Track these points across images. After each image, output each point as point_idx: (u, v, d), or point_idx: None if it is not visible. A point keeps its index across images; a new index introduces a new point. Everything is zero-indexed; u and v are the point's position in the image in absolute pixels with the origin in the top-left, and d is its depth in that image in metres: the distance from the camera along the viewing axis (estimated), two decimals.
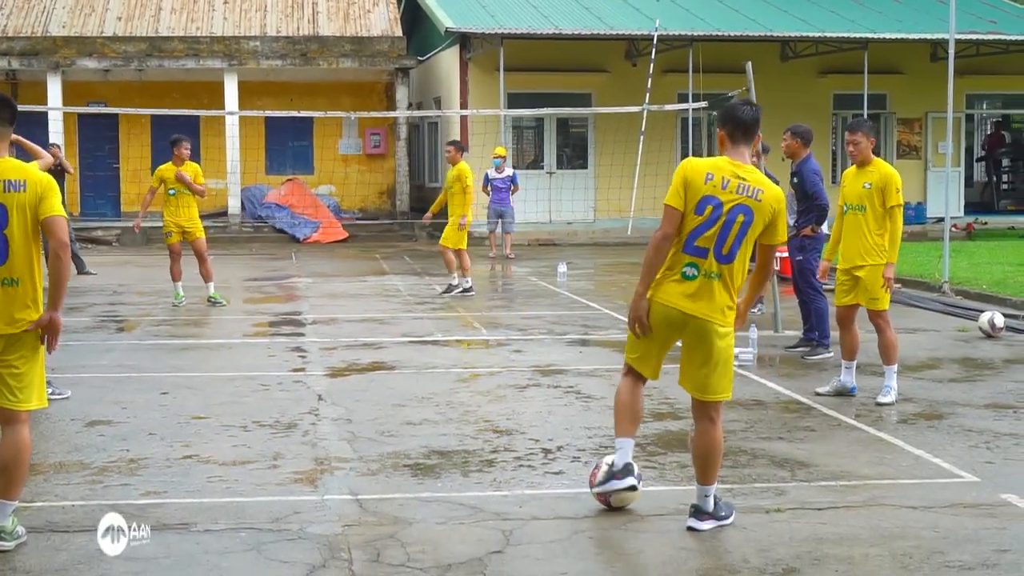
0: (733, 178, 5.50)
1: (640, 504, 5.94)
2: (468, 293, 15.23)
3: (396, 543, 5.45)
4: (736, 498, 6.11)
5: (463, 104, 24.92)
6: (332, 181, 27.90)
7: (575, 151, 26.89)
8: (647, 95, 22.66)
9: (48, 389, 5.75)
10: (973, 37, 25.15)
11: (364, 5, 28.05)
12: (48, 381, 5.76)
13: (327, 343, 11.49)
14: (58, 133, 24.37)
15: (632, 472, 5.74)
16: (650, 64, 23.60)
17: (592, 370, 10.06)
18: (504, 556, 5.31)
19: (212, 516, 5.85)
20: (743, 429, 7.77)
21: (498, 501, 6.13)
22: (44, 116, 23.83)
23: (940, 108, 22.62)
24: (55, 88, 25.29)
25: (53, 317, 5.38)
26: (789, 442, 7.46)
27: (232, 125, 25.43)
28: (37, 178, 5.40)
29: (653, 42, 23.63)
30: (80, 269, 17.68)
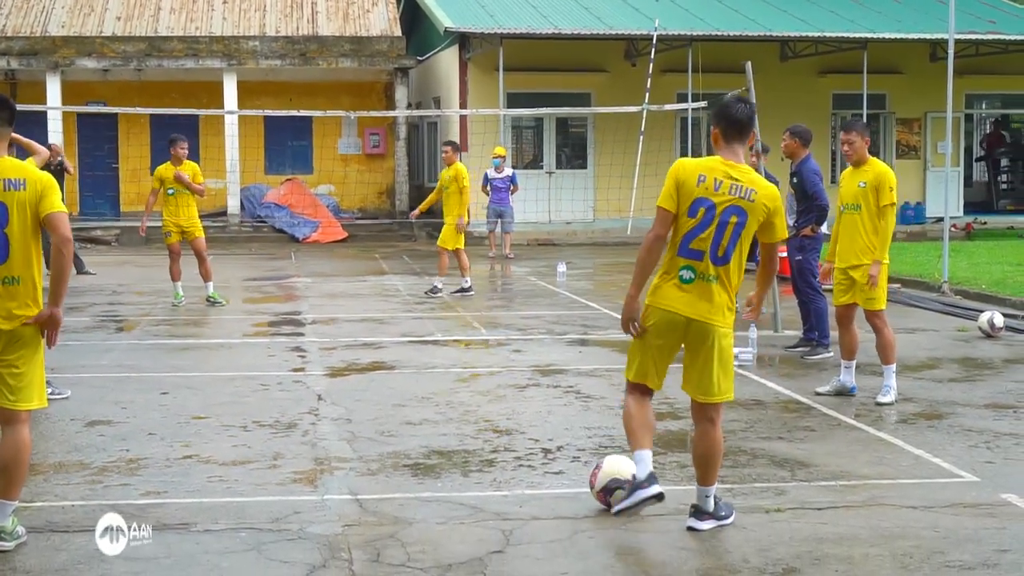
0: (726, 179, 5.46)
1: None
2: (468, 293, 15.22)
3: (396, 543, 5.45)
4: (736, 498, 6.12)
5: (462, 104, 24.91)
6: (331, 181, 27.90)
7: (574, 151, 26.90)
8: (646, 95, 22.66)
9: (48, 389, 5.75)
10: (972, 37, 25.15)
11: (363, 5, 28.05)
12: (48, 381, 5.76)
13: (327, 343, 11.49)
14: (57, 133, 24.36)
15: (656, 480, 5.54)
16: (649, 64, 23.61)
17: (592, 370, 10.06)
18: (504, 556, 5.32)
19: (212, 516, 5.86)
20: (743, 429, 7.77)
21: (498, 501, 6.14)
22: (43, 116, 23.83)
23: (939, 108, 22.60)
24: (54, 88, 25.29)
25: (54, 312, 5.39)
26: (789, 442, 7.46)
27: (231, 124, 25.44)
28: (36, 176, 5.42)
29: (652, 42, 23.65)
30: (79, 269, 17.68)
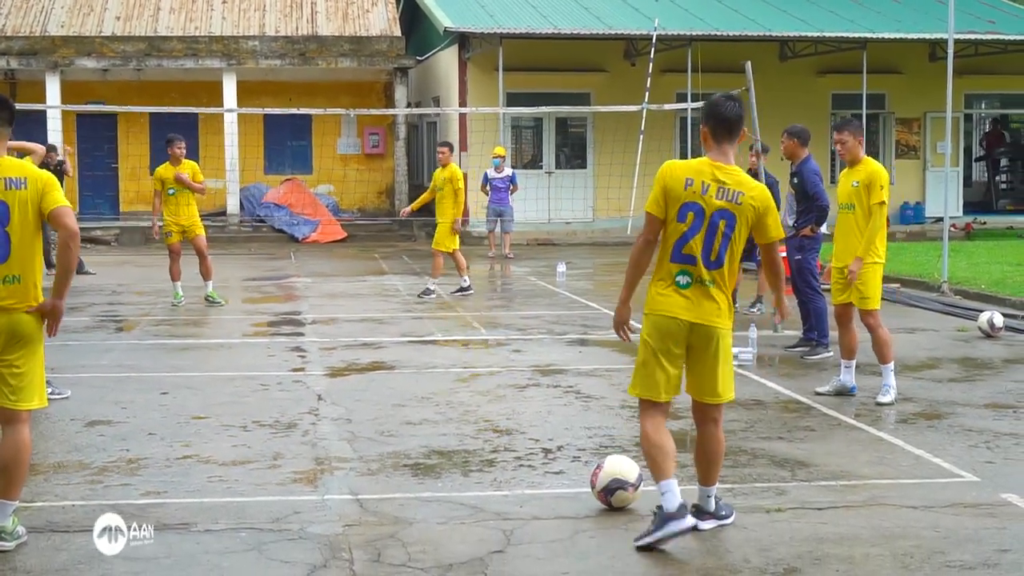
0: (713, 182, 5.40)
1: (641, 504, 5.94)
2: (467, 292, 15.22)
3: (397, 543, 5.45)
4: (736, 498, 6.12)
5: (462, 104, 24.90)
6: (331, 181, 27.90)
7: (574, 151, 26.89)
8: (646, 94, 22.65)
9: (48, 389, 5.75)
10: (972, 37, 25.14)
11: (363, 5, 28.04)
12: (47, 381, 5.76)
13: (327, 343, 11.49)
14: (57, 132, 24.33)
15: (687, 511, 5.36)
16: (649, 64, 23.60)
17: (592, 370, 10.06)
18: (505, 556, 5.32)
19: (212, 516, 5.85)
20: (743, 429, 7.77)
21: (499, 501, 6.14)
22: (43, 115, 23.82)
23: (939, 108, 22.56)
24: (54, 88, 25.28)
25: (56, 304, 5.42)
26: (789, 442, 7.46)
27: (231, 124, 25.43)
28: (37, 175, 5.44)
29: (652, 42, 23.64)
30: (79, 269, 17.68)
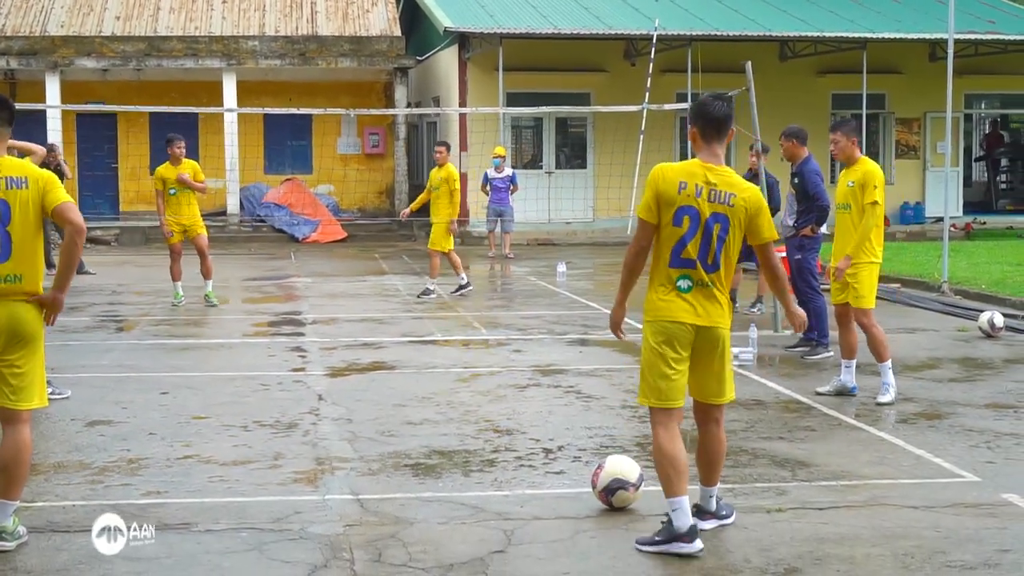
0: (705, 185, 5.37)
1: (642, 504, 5.95)
2: (467, 289, 15.21)
3: (398, 543, 5.45)
4: (737, 498, 6.12)
5: (462, 104, 24.90)
6: (331, 181, 27.89)
7: (574, 151, 26.89)
8: (646, 94, 22.65)
9: (48, 389, 5.75)
10: (972, 37, 25.14)
11: (363, 5, 28.03)
12: (48, 381, 5.76)
13: (327, 343, 11.49)
14: (56, 132, 24.33)
15: (697, 534, 5.31)
16: (649, 64, 23.60)
17: (592, 370, 10.06)
18: (506, 556, 5.31)
19: (213, 516, 5.86)
20: (744, 429, 7.77)
21: (499, 501, 6.14)
22: (43, 115, 23.80)
23: (939, 108, 22.58)
24: (53, 88, 25.27)
25: (57, 296, 5.43)
26: (790, 442, 7.46)
27: (231, 124, 25.42)
28: (38, 174, 5.44)
29: (652, 42, 23.64)
30: (79, 269, 17.68)
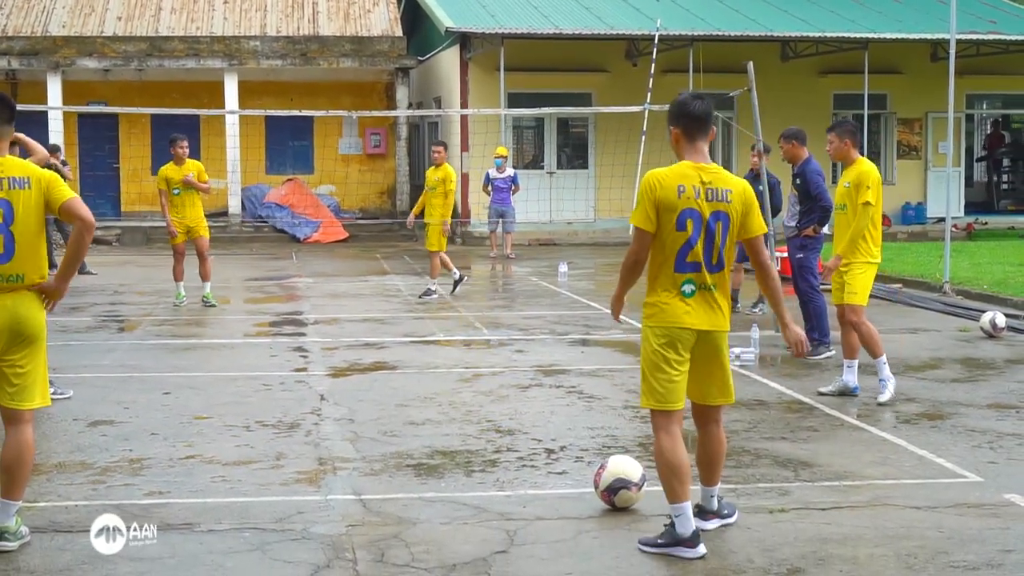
0: (701, 185, 5.35)
1: (644, 504, 5.95)
2: (461, 283, 15.27)
3: (400, 543, 5.45)
4: (740, 498, 6.12)
5: (463, 104, 24.89)
6: (332, 181, 27.89)
7: (575, 151, 26.88)
8: (648, 95, 22.64)
9: (50, 389, 5.75)
10: (973, 37, 25.12)
11: (364, 5, 28.04)
12: (50, 381, 5.76)
13: (329, 343, 11.49)
14: (58, 133, 24.34)
15: (700, 539, 5.31)
16: (651, 64, 23.59)
17: (594, 370, 10.06)
18: (509, 556, 5.32)
19: (216, 516, 5.86)
20: (746, 429, 7.76)
21: (502, 501, 6.13)
22: (44, 116, 23.79)
23: (940, 108, 22.60)
24: (55, 88, 25.26)
25: (59, 285, 5.47)
26: (792, 442, 7.46)
27: (232, 124, 25.41)
28: (40, 174, 5.45)
29: (654, 42, 23.63)
30: (81, 269, 17.68)
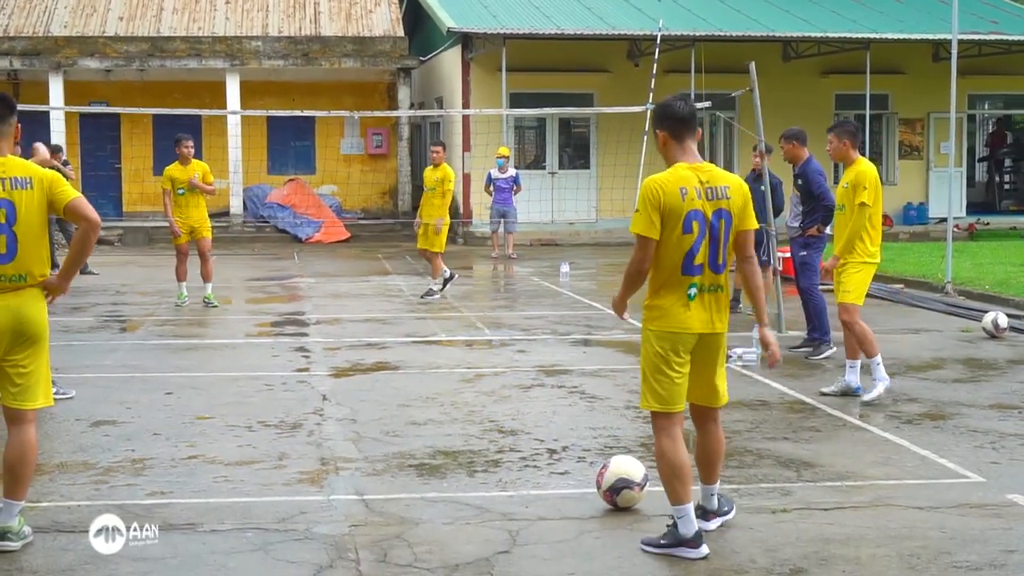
0: (700, 185, 5.33)
1: (646, 505, 5.95)
2: (452, 281, 15.30)
3: (403, 543, 5.45)
4: (742, 498, 6.12)
5: (465, 104, 24.89)
6: (334, 181, 27.89)
7: (577, 151, 26.87)
8: (650, 95, 22.62)
9: (53, 389, 5.75)
10: (975, 37, 25.12)
11: (366, 5, 28.04)
12: (52, 381, 5.76)
13: (331, 343, 11.49)
14: (60, 133, 24.36)
15: (703, 540, 5.31)
16: (653, 64, 23.56)
17: (596, 370, 10.06)
18: (511, 556, 5.32)
19: (218, 516, 5.86)
20: (748, 430, 7.76)
21: (504, 501, 6.14)
22: (46, 116, 23.80)
23: (942, 108, 22.56)
24: (57, 88, 25.26)
25: (62, 282, 5.51)
26: (794, 442, 7.46)
27: (234, 125, 25.42)
28: (42, 174, 5.46)
29: (655, 42, 23.60)
30: (82, 269, 17.69)
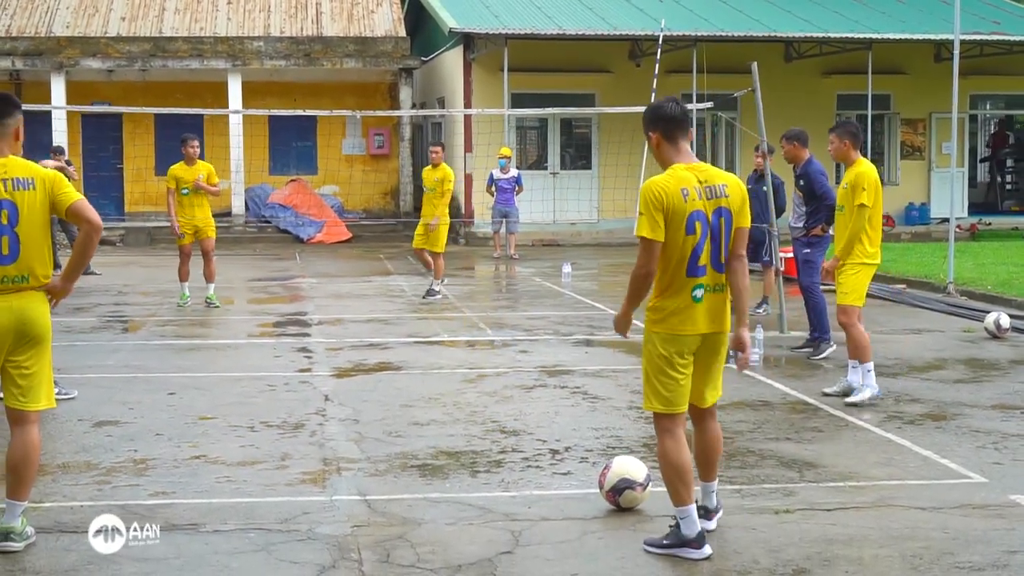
0: (699, 185, 5.31)
1: (649, 505, 5.95)
2: (435, 295, 15.14)
3: (406, 544, 5.45)
4: (745, 499, 6.13)
5: (467, 104, 24.89)
6: (336, 181, 27.91)
7: (579, 152, 26.88)
8: (652, 95, 22.59)
9: (55, 389, 5.76)
10: (977, 38, 25.11)
11: (368, 5, 28.05)
12: (55, 381, 5.77)
13: (333, 343, 11.49)
14: (62, 133, 24.37)
15: (706, 540, 5.31)
16: (655, 64, 23.56)
17: (598, 370, 10.06)
18: (514, 557, 5.32)
19: (221, 517, 5.86)
20: (751, 430, 7.76)
21: (507, 502, 6.14)
22: (48, 116, 23.80)
23: (944, 108, 22.59)
24: (59, 88, 25.28)
25: (65, 285, 5.53)
26: (797, 443, 7.46)
27: (236, 125, 25.44)
28: (44, 175, 5.45)
29: (657, 42, 23.61)
30: (85, 270, 17.68)
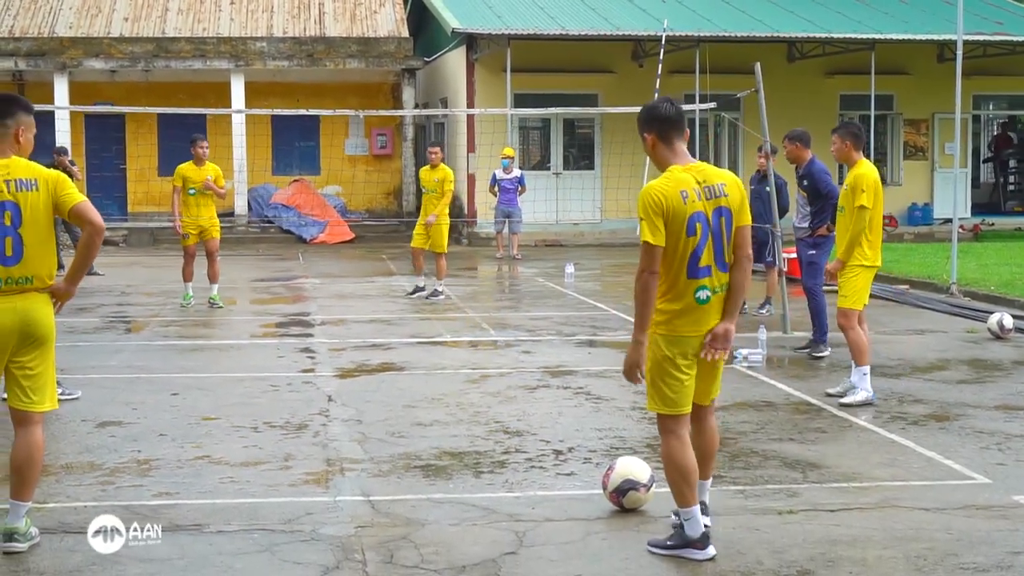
0: (698, 185, 5.28)
1: (652, 506, 5.95)
2: (420, 292, 15.21)
3: (409, 544, 5.45)
4: (748, 500, 6.13)
5: (470, 104, 24.88)
6: (339, 181, 27.93)
7: (581, 152, 26.88)
8: (655, 95, 22.61)
9: (58, 390, 5.76)
10: (980, 38, 25.10)
11: (370, 6, 28.07)
12: (58, 382, 5.77)
13: (336, 344, 11.50)
14: (65, 133, 24.40)
15: (710, 541, 5.28)
16: (658, 65, 23.57)
17: (601, 371, 10.05)
18: (518, 557, 5.32)
19: (225, 517, 5.87)
20: (754, 431, 7.76)
21: (510, 502, 6.14)
22: (51, 116, 23.80)
23: (947, 109, 22.58)
24: (62, 89, 25.31)
25: (68, 288, 5.57)
26: (800, 443, 7.45)
27: (239, 125, 25.46)
28: (47, 175, 5.46)
29: (660, 43, 23.61)
30: (88, 271, 17.68)
